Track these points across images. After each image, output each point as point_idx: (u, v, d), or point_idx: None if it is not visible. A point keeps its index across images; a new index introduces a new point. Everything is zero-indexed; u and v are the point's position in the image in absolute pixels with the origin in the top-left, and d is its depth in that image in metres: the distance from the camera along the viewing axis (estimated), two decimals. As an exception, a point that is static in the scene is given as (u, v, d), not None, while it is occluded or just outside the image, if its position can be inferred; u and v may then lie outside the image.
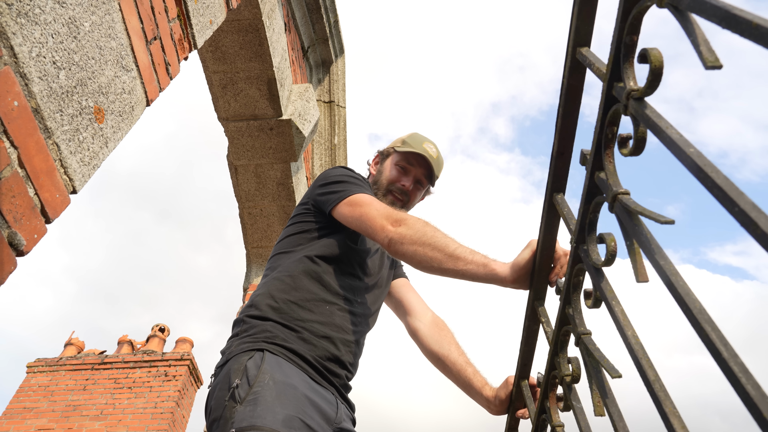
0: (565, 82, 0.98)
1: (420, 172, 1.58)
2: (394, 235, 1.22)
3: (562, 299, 1.07)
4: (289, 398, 1.09)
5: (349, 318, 1.33)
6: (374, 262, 1.52)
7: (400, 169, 1.58)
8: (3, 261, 0.88)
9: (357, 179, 1.46)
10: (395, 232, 1.22)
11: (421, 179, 1.59)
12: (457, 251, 1.15)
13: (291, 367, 1.17)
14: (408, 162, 1.57)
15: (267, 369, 1.14)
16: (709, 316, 0.57)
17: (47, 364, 8.59)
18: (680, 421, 0.64)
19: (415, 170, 1.57)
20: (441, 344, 1.47)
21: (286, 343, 1.21)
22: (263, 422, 1.02)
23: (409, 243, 1.19)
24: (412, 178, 1.57)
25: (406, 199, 1.57)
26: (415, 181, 1.58)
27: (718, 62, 0.55)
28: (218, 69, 2.86)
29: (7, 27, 0.87)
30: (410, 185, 1.56)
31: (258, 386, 1.10)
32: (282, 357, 1.18)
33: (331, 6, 3.78)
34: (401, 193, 1.56)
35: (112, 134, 1.19)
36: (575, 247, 0.98)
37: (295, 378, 1.14)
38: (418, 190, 1.60)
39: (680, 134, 0.62)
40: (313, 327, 1.26)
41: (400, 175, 1.57)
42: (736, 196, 0.51)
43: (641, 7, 0.72)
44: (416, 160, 1.57)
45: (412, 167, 1.57)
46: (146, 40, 1.32)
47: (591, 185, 0.90)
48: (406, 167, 1.57)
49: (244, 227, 3.48)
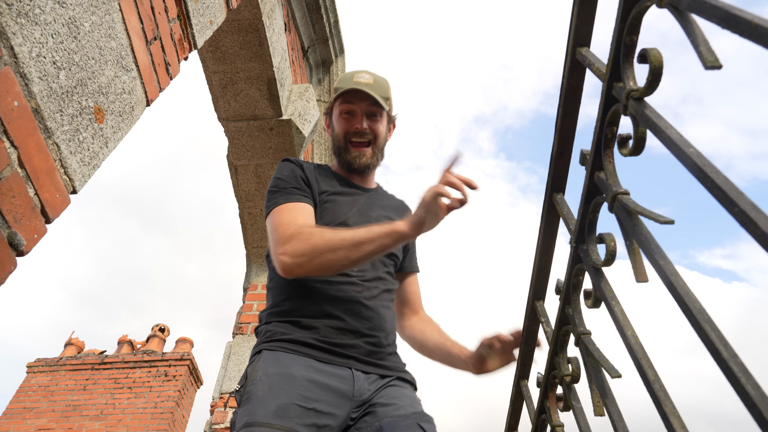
0: (565, 82, 0.98)
1: (365, 106, 1.45)
2: (287, 260, 1.17)
3: (561, 299, 1.07)
4: (283, 388, 1.10)
5: (350, 288, 1.29)
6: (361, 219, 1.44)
7: (346, 116, 1.47)
8: (3, 261, 0.88)
9: (286, 181, 1.38)
10: (287, 258, 1.17)
11: (370, 111, 1.46)
12: (356, 238, 1.15)
13: (290, 356, 1.18)
14: (348, 104, 1.46)
15: (261, 366, 1.17)
16: (708, 316, 0.57)
17: (47, 364, 8.59)
18: (680, 421, 0.64)
19: (359, 106, 1.45)
20: (424, 331, 1.53)
21: (284, 336, 1.22)
22: (254, 418, 1.05)
23: (308, 260, 1.16)
24: (360, 116, 1.45)
25: (367, 138, 1.47)
26: (366, 116, 1.46)
27: (718, 62, 0.55)
28: (218, 69, 2.86)
29: (7, 27, 0.87)
30: (362, 125, 1.44)
31: (251, 384, 1.14)
32: (280, 350, 1.19)
33: (331, 6, 3.78)
34: (358, 135, 1.46)
35: (112, 134, 1.19)
36: (575, 247, 0.98)
37: (294, 366, 1.15)
38: (375, 122, 1.47)
39: (680, 134, 0.62)
40: (311, 311, 1.26)
41: (348, 121, 1.46)
42: (736, 196, 0.51)
43: (641, 7, 0.72)
44: (354, 97, 1.45)
45: (355, 105, 1.45)
46: (146, 40, 1.32)
47: (591, 185, 0.90)
48: (349, 110, 1.46)
49: (244, 227, 3.47)
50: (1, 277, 0.88)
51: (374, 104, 1.45)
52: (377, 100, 1.43)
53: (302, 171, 1.42)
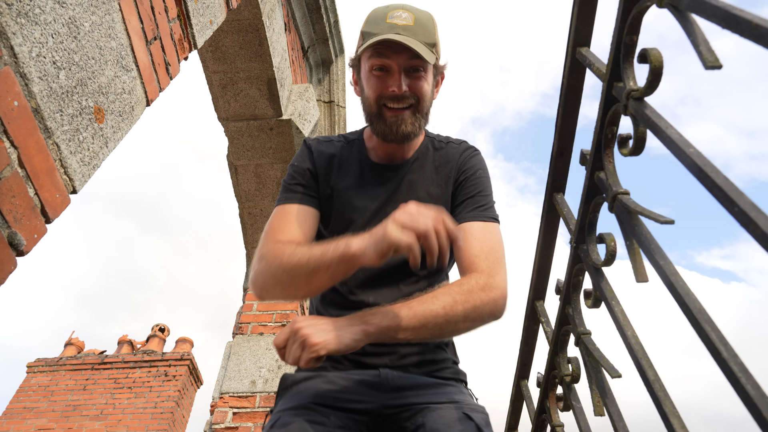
0: (565, 82, 0.98)
1: (403, 60, 1.11)
2: (252, 286, 1.06)
3: (561, 299, 1.07)
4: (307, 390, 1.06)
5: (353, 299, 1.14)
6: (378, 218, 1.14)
7: (378, 73, 1.14)
8: (3, 261, 0.88)
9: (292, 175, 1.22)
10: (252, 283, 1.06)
11: (410, 65, 1.12)
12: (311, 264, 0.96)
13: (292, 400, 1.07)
14: (382, 58, 1.12)
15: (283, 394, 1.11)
16: (708, 316, 0.57)
17: (47, 364, 8.59)
18: (680, 420, 0.64)
19: (396, 61, 1.11)
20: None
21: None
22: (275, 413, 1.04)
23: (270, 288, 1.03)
24: (398, 74, 1.12)
25: (409, 103, 1.14)
26: (405, 72, 1.13)
27: (718, 62, 0.55)
28: (218, 69, 2.86)
29: (7, 27, 0.87)
30: (400, 86, 1.11)
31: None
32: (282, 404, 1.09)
33: (331, 6, 3.78)
34: (396, 100, 1.13)
35: (112, 134, 1.19)
36: (575, 247, 0.98)
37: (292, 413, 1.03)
38: (418, 80, 1.13)
39: (680, 134, 0.62)
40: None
41: (381, 80, 1.13)
42: (736, 196, 0.51)
43: (641, 7, 0.72)
44: (389, 48, 1.11)
45: (390, 60, 1.11)
46: (146, 40, 1.32)
47: (591, 185, 0.90)
48: (383, 65, 1.12)
49: (244, 227, 3.47)
50: (1, 277, 0.88)
51: (416, 57, 1.10)
52: (419, 52, 1.07)
53: (311, 161, 1.23)
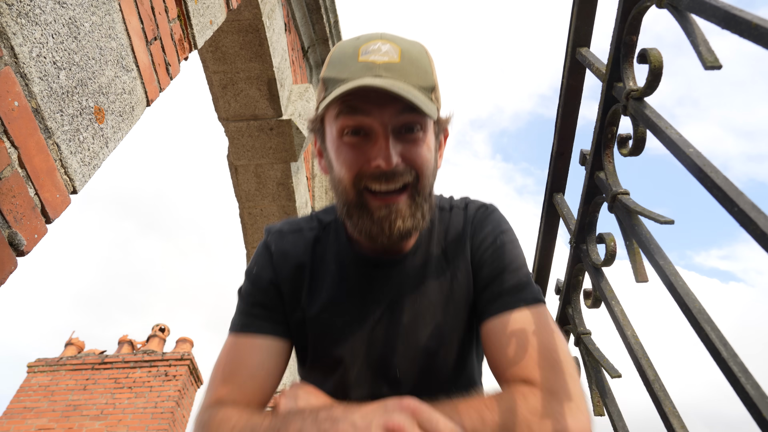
0: (565, 83, 0.98)
1: (390, 116, 0.73)
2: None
3: (561, 299, 1.07)
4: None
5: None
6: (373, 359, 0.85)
7: (352, 140, 0.75)
8: (3, 261, 0.88)
9: (249, 292, 0.89)
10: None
11: (401, 123, 0.74)
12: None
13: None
14: (356, 115, 0.74)
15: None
16: (708, 315, 0.57)
17: (47, 363, 8.59)
18: (680, 420, 0.64)
19: (379, 119, 0.73)
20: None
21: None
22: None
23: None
24: (384, 141, 0.73)
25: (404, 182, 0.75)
26: (395, 135, 0.74)
27: (718, 62, 0.55)
28: (218, 69, 2.86)
29: (8, 27, 0.87)
30: (387, 159, 0.73)
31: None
32: None
33: (331, 6, 3.78)
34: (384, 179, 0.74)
35: (112, 134, 1.19)
36: (575, 247, 0.98)
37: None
38: (415, 145, 0.75)
39: (680, 134, 0.62)
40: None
41: (359, 152, 0.75)
42: (736, 196, 0.51)
43: (641, 7, 0.72)
44: (367, 100, 0.73)
45: (371, 118, 0.73)
46: (146, 41, 1.32)
47: (591, 185, 0.90)
48: (360, 126, 0.74)
49: (244, 227, 3.47)
50: (1, 277, 0.88)
51: (409, 109, 0.73)
52: (413, 102, 0.70)
53: (273, 268, 0.89)
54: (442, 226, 0.89)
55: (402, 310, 0.83)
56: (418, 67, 0.75)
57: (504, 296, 0.78)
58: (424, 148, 0.77)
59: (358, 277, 0.86)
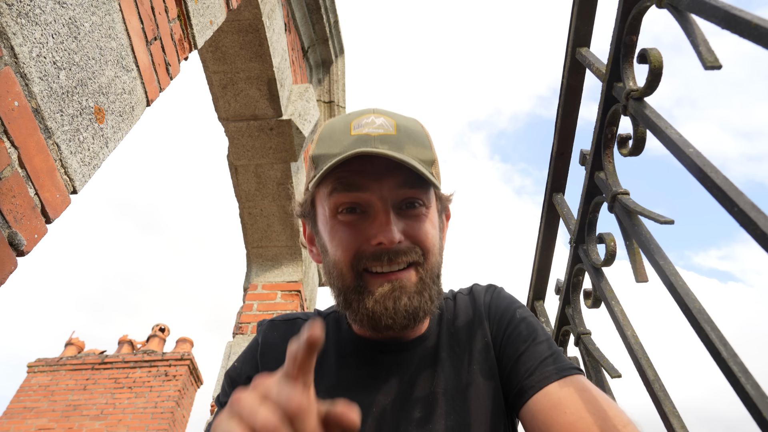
0: (565, 83, 0.98)
1: (389, 188, 0.69)
2: None
3: (561, 299, 1.07)
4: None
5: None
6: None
7: (347, 218, 0.70)
8: (3, 261, 0.88)
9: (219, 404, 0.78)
10: None
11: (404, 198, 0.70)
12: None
13: None
14: (352, 191, 0.69)
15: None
16: (708, 315, 0.57)
17: (48, 363, 8.60)
18: (680, 420, 0.64)
19: (377, 193, 0.69)
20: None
21: None
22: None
23: None
24: (385, 215, 0.68)
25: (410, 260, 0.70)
26: (396, 210, 0.70)
27: (718, 62, 0.55)
28: (218, 69, 2.86)
29: (8, 27, 0.87)
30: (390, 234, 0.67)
31: None
32: None
33: (331, 6, 3.78)
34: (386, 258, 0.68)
35: (112, 134, 1.19)
36: (575, 247, 0.98)
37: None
38: (418, 221, 0.71)
39: (680, 134, 0.62)
40: None
41: (356, 231, 0.70)
42: (736, 196, 0.51)
43: (641, 7, 0.72)
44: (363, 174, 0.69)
45: (368, 193, 0.69)
46: (146, 41, 1.32)
47: (591, 185, 0.90)
48: (356, 203, 0.70)
49: (244, 227, 3.47)
50: (1, 277, 0.88)
51: (408, 184, 0.69)
52: (417, 168, 0.66)
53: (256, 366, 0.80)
54: (448, 314, 0.83)
55: (414, 399, 0.72)
56: (415, 140, 0.70)
57: (541, 367, 0.70)
58: (429, 224, 0.71)
59: (361, 364, 0.76)
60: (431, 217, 0.73)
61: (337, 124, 0.73)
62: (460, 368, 0.75)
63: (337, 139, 0.70)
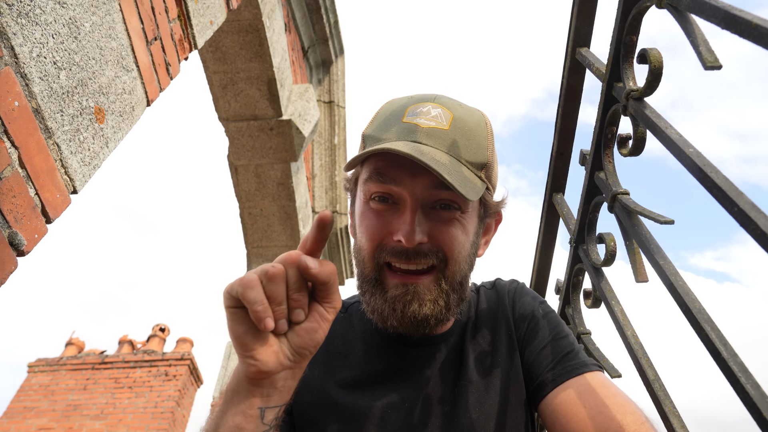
0: (565, 83, 0.98)
1: (422, 187, 0.67)
2: None
3: (561, 299, 1.07)
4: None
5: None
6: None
7: (380, 206, 0.70)
8: (3, 261, 0.88)
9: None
10: None
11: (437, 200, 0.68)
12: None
13: None
14: (384, 182, 0.68)
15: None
16: (708, 315, 0.57)
17: (48, 363, 8.60)
18: (680, 420, 0.64)
19: (409, 189, 0.67)
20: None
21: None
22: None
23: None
24: (410, 213, 0.67)
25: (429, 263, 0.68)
26: (425, 209, 0.68)
27: (718, 62, 0.55)
28: (218, 69, 2.86)
29: (8, 27, 0.87)
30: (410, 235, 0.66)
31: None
32: None
33: (331, 6, 3.78)
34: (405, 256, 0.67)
35: (112, 134, 1.19)
36: (575, 247, 0.98)
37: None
38: (447, 224, 0.69)
39: (680, 134, 0.62)
40: None
41: (383, 221, 0.69)
42: (736, 196, 0.51)
43: (641, 7, 0.72)
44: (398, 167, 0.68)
45: (400, 187, 0.68)
46: (147, 41, 1.32)
47: (591, 185, 0.90)
48: (388, 194, 0.69)
49: (244, 227, 3.48)
50: (1, 277, 0.88)
51: (444, 185, 0.66)
52: (444, 178, 0.62)
53: None
54: (473, 308, 0.83)
55: (442, 393, 0.74)
56: (469, 139, 0.68)
57: (562, 362, 0.72)
58: (458, 229, 0.69)
59: (391, 358, 0.77)
60: (465, 222, 0.70)
61: (394, 106, 0.73)
62: (484, 362, 0.77)
63: (388, 122, 0.71)
